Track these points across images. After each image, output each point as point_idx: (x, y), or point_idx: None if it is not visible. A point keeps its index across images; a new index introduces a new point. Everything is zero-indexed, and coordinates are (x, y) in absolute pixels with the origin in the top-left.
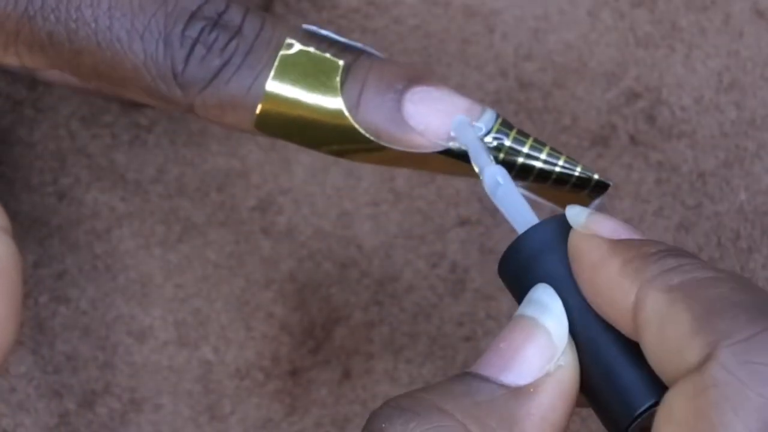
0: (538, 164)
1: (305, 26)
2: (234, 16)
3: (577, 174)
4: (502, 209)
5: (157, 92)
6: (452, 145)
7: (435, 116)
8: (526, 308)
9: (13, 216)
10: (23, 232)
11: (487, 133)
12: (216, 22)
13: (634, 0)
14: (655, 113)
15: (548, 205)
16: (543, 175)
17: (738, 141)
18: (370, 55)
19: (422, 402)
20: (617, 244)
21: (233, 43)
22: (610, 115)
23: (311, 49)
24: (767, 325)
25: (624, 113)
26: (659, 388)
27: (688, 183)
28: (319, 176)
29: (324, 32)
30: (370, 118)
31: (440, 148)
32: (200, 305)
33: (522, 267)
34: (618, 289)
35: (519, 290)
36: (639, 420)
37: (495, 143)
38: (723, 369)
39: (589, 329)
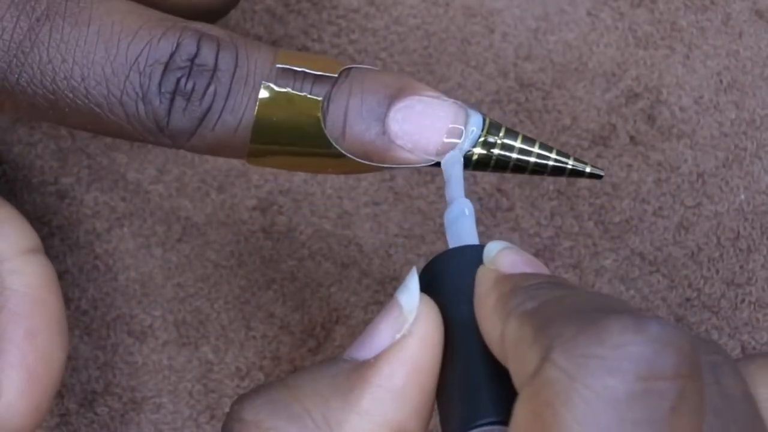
0: (532, 159)
1: (279, 65)
2: (207, 56)
3: (570, 167)
4: (451, 235)
5: (146, 141)
6: (440, 158)
7: (422, 133)
8: (397, 290)
9: None
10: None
11: (478, 137)
12: (190, 69)
13: (634, 0)
14: (654, 113)
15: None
16: (538, 170)
17: (737, 141)
18: (348, 73)
19: (271, 384)
20: (501, 278)
21: (211, 89)
22: (610, 115)
23: (288, 90)
24: (596, 320)
25: (624, 113)
26: (511, 412)
27: (688, 183)
28: (319, 176)
29: (298, 68)
30: (358, 145)
31: (430, 163)
32: (200, 305)
33: (439, 278)
34: (492, 321)
35: (433, 295)
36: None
37: (487, 145)
38: (554, 367)
39: (468, 341)
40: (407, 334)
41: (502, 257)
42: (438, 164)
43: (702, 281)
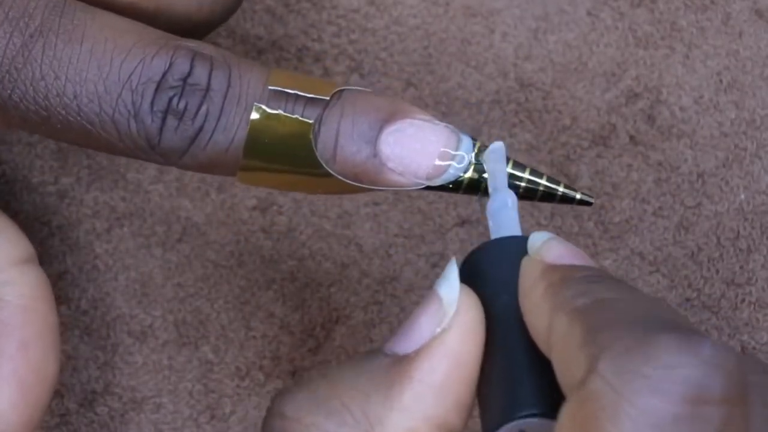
0: (522, 184)
1: (271, 87)
2: (200, 76)
3: (560, 193)
4: (494, 226)
5: (138, 158)
6: (430, 183)
7: (413, 157)
8: (436, 282)
9: (13, 216)
10: (23, 232)
11: (469, 162)
12: (183, 88)
13: (634, 0)
14: (654, 113)
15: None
16: (528, 195)
17: (737, 141)
18: (340, 95)
19: (312, 378)
20: (548, 268)
21: (203, 109)
22: (610, 115)
23: (280, 112)
24: (646, 337)
25: (624, 113)
26: (553, 405)
27: (688, 183)
28: None
29: (291, 90)
30: (348, 167)
31: (420, 186)
32: (200, 305)
33: (481, 269)
34: (538, 312)
35: (473, 287)
36: (516, 423)
37: (478, 169)
38: (601, 380)
39: (512, 333)
40: (447, 327)
41: (549, 248)
42: (429, 188)
43: (702, 281)
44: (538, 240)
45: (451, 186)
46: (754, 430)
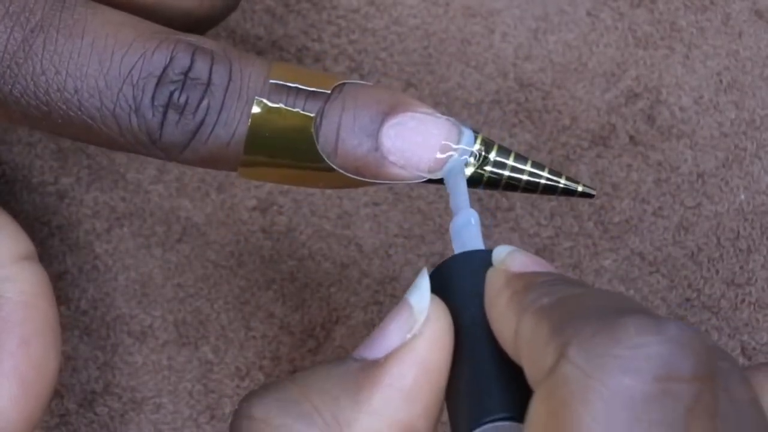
0: (524, 177)
1: (272, 80)
2: (200, 70)
3: (562, 185)
4: (457, 245)
5: (139, 153)
6: (432, 176)
7: (414, 150)
8: (407, 291)
9: (13, 216)
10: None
11: (471, 154)
12: (184, 82)
13: (634, 0)
14: (654, 113)
15: None
16: (530, 188)
17: (737, 141)
18: (342, 89)
19: (280, 382)
20: (512, 277)
21: (204, 103)
22: (610, 115)
23: (281, 106)
24: (614, 320)
25: (623, 113)
26: (522, 410)
27: (688, 183)
28: None
29: (292, 84)
30: (350, 161)
31: (422, 179)
32: (200, 305)
33: (448, 282)
34: (505, 319)
35: (441, 299)
36: (486, 428)
37: (479, 160)
38: (571, 365)
39: (478, 342)
40: (417, 334)
41: (512, 258)
42: (430, 181)
43: (702, 281)
44: (502, 252)
45: None
46: (721, 409)
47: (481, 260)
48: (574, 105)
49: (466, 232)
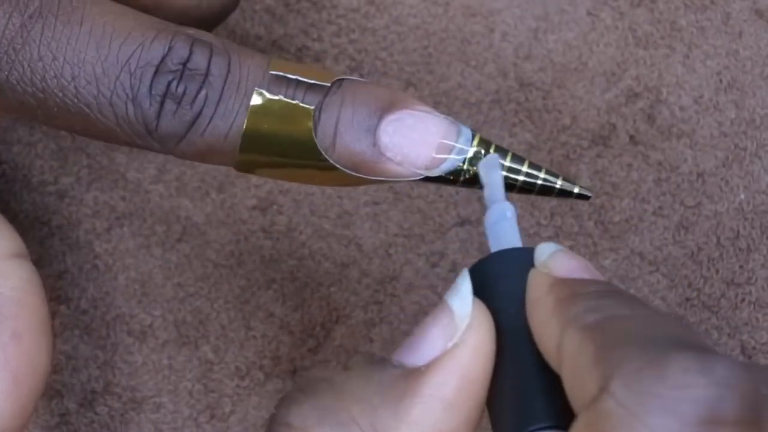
0: (520, 178)
1: (272, 72)
2: (199, 61)
3: (558, 186)
4: (493, 239)
5: (135, 145)
6: (429, 173)
7: (411, 147)
8: (447, 294)
9: (13, 216)
10: (23, 232)
11: (468, 153)
12: (182, 73)
13: (634, 0)
14: (654, 113)
15: None
16: (526, 189)
17: (737, 140)
18: (341, 84)
19: (319, 387)
20: (557, 282)
21: (202, 94)
22: (610, 114)
23: (281, 97)
24: (659, 356)
25: (623, 113)
26: (563, 418)
27: (688, 182)
28: None
29: (291, 76)
30: (347, 156)
31: (419, 177)
32: (200, 305)
33: (487, 282)
34: (548, 326)
35: (481, 297)
36: None
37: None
38: (613, 400)
39: (520, 345)
40: (459, 342)
41: (556, 260)
42: (427, 179)
43: (702, 281)
44: (545, 252)
45: (450, 177)
46: None
47: (522, 259)
48: (574, 105)
49: (502, 226)
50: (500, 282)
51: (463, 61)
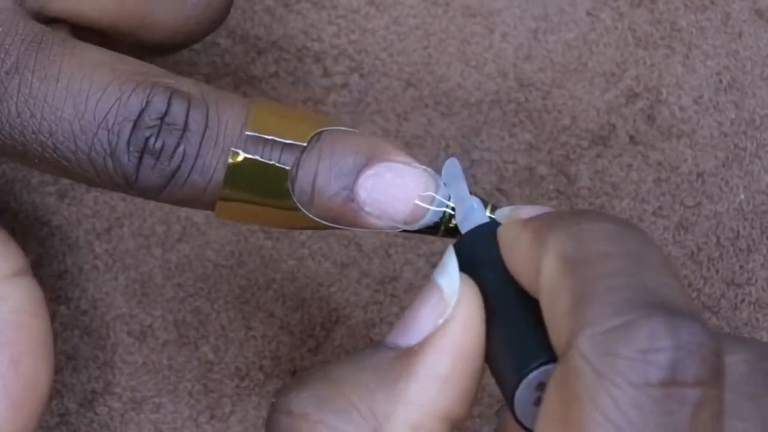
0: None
1: (248, 132)
2: (177, 114)
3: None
4: (466, 230)
5: (116, 191)
6: (408, 227)
7: (390, 202)
8: (434, 273)
9: (13, 216)
10: (23, 232)
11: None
12: (159, 128)
13: (634, 0)
14: (654, 113)
15: None
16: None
17: (737, 141)
18: (319, 137)
19: (315, 376)
20: (529, 219)
21: (180, 149)
22: (610, 114)
23: (257, 158)
24: (631, 317)
25: (623, 113)
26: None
27: (688, 183)
28: None
29: (268, 136)
30: (326, 211)
31: (397, 229)
32: (200, 305)
33: (465, 257)
34: (529, 260)
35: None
36: (531, 378)
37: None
38: (583, 359)
39: (505, 301)
40: (450, 318)
41: (519, 211)
42: (406, 231)
43: (702, 281)
44: (505, 210)
45: (429, 229)
46: (729, 411)
47: (490, 229)
48: (573, 105)
49: (472, 219)
50: (477, 253)
51: (463, 62)
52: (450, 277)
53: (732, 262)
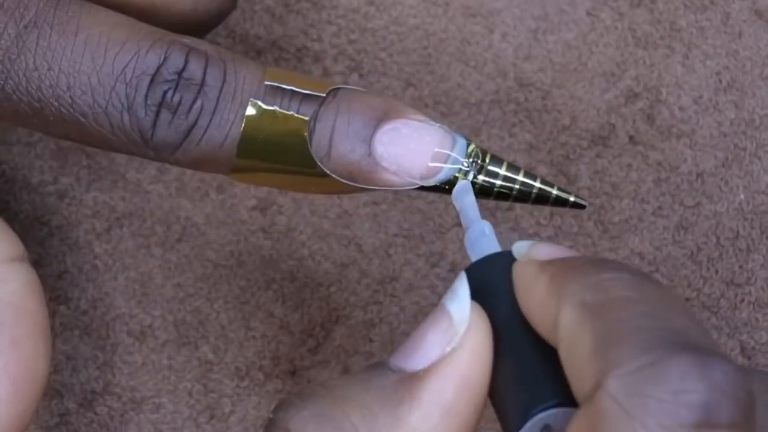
0: (516, 186)
1: (267, 82)
2: (195, 71)
3: (554, 195)
4: (475, 256)
5: (130, 153)
6: (424, 182)
7: (407, 157)
8: (444, 297)
9: (13, 216)
10: (23, 232)
11: (467, 166)
12: (177, 83)
13: (634, 0)
14: (654, 113)
15: None
16: (521, 197)
17: (737, 141)
18: (336, 93)
19: (318, 392)
20: (546, 263)
21: (198, 104)
22: (610, 114)
23: (276, 108)
24: (660, 356)
25: (623, 113)
26: (567, 395)
27: (687, 183)
28: None
29: (287, 86)
30: (342, 165)
31: (413, 186)
32: (200, 305)
33: (476, 286)
34: (545, 306)
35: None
36: (537, 419)
37: (471, 169)
38: (611, 400)
39: (515, 336)
40: (458, 346)
41: (537, 249)
42: (422, 188)
43: (701, 281)
44: (523, 245)
45: (446, 187)
46: None
47: (504, 260)
48: (573, 105)
49: (482, 243)
50: (488, 283)
51: (463, 62)
52: (461, 304)
53: (731, 262)
